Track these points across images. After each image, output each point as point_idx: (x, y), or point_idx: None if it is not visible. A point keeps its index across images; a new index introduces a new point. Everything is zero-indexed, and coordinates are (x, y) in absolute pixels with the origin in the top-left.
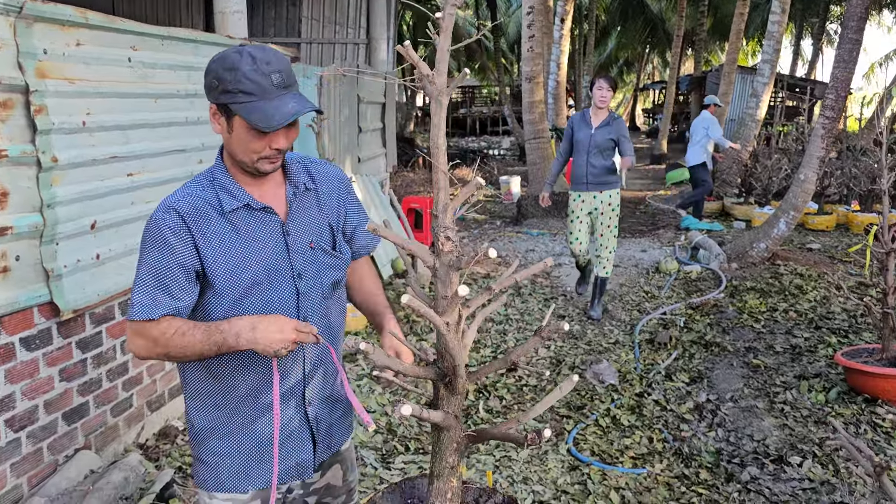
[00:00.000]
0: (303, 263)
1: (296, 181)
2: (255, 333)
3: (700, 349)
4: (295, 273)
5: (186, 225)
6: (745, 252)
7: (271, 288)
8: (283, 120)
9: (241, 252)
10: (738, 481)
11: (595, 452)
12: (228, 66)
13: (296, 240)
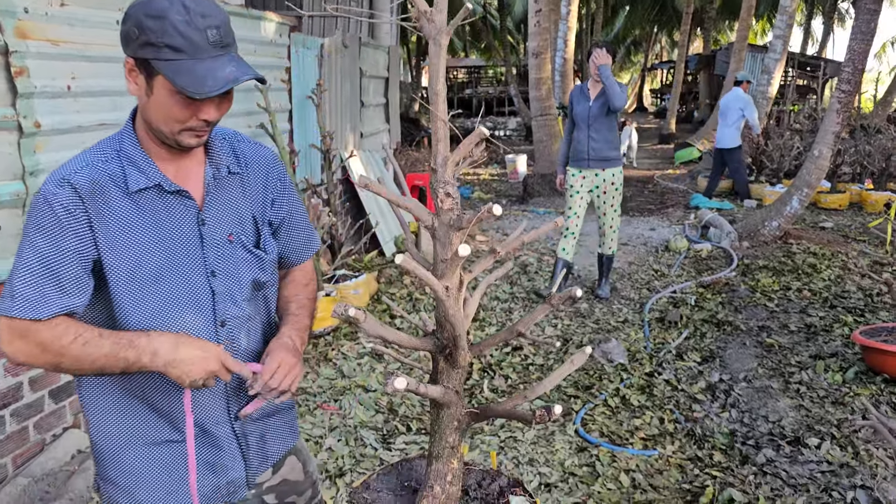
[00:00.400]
0: (218, 259)
1: (218, 161)
2: (176, 354)
3: (712, 328)
4: (208, 270)
5: (83, 203)
6: (756, 230)
7: (179, 287)
8: (218, 86)
9: (146, 241)
10: (753, 463)
11: (604, 433)
12: (154, 13)
13: (212, 231)
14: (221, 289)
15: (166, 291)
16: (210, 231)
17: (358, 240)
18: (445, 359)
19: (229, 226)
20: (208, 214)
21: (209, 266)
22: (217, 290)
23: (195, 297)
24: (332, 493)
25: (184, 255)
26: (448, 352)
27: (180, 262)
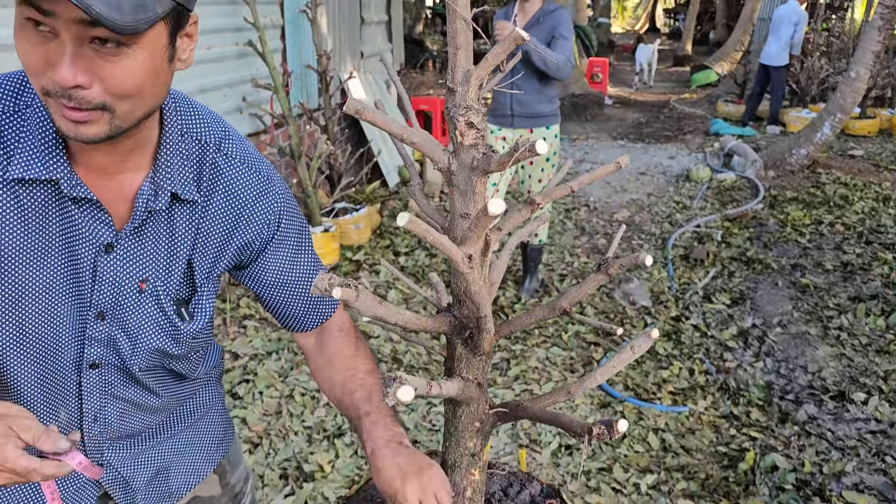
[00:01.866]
0: (112, 304)
1: (163, 177)
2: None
3: (741, 266)
4: (92, 311)
5: None
6: (783, 159)
7: (41, 325)
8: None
9: (17, 258)
10: (794, 422)
11: (629, 387)
12: None
13: (117, 267)
14: (101, 335)
15: (17, 325)
16: (114, 266)
17: (359, 170)
18: (465, 343)
19: (145, 267)
20: (121, 244)
21: (96, 306)
22: (93, 334)
23: (50, 334)
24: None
25: (62, 284)
26: (469, 334)
27: (51, 290)
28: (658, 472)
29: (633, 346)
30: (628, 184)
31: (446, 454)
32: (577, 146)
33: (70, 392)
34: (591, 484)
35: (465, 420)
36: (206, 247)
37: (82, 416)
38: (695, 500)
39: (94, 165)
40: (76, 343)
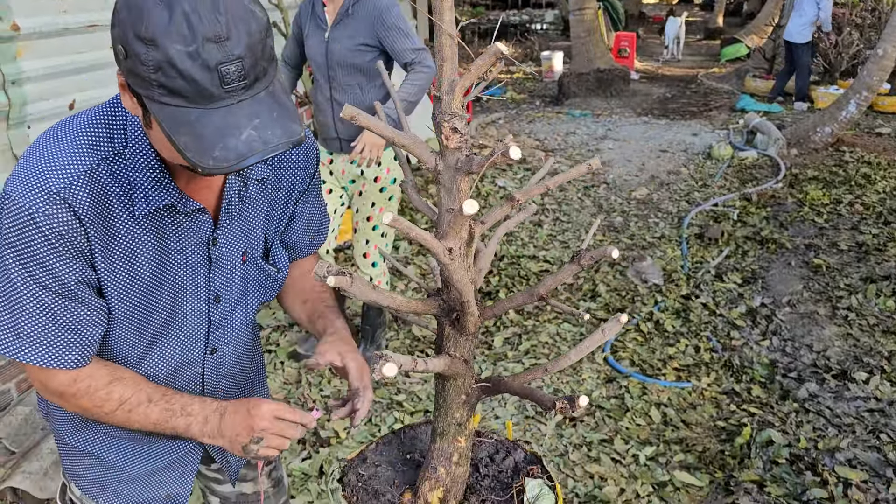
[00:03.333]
0: (225, 283)
1: (248, 172)
2: (222, 421)
3: (755, 246)
4: (211, 296)
5: (82, 226)
6: (807, 136)
7: (176, 318)
8: (228, 162)
9: (148, 272)
10: (794, 399)
11: (635, 362)
12: (145, 35)
13: (223, 251)
14: (219, 317)
15: (161, 323)
16: (220, 252)
17: None
18: (452, 324)
19: (242, 243)
20: (221, 233)
21: (213, 290)
22: (215, 319)
23: (190, 328)
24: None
25: (187, 282)
26: (455, 316)
27: (182, 290)
28: (657, 444)
29: (604, 329)
30: (649, 161)
31: (436, 423)
32: (599, 122)
33: (196, 374)
34: (592, 454)
35: (453, 393)
36: (275, 209)
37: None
38: (690, 471)
39: (194, 177)
40: (204, 329)
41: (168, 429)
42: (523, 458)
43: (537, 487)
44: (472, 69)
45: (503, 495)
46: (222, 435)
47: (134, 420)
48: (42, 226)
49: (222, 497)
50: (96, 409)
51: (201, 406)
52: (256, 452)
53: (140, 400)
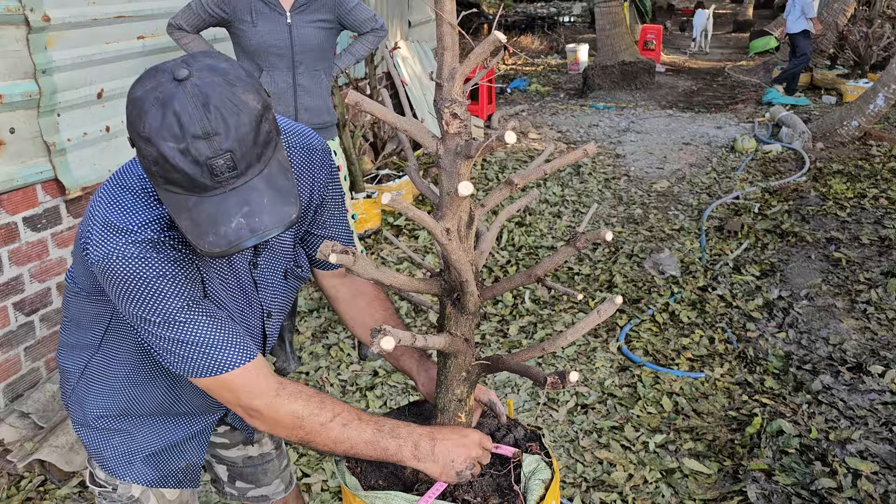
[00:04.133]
0: (273, 299)
1: None
2: (436, 447)
3: (775, 239)
4: (264, 313)
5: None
6: (833, 130)
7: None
8: (220, 245)
9: (223, 299)
10: (807, 391)
11: (648, 352)
12: (143, 132)
13: (264, 273)
14: (272, 329)
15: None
16: (262, 274)
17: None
18: (453, 303)
19: (282, 262)
20: (262, 258)
21: (266, 308)
22: (268, 332)
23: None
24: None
25: (245, 304)
26: (456, 296)
27: (243, 311)
28: (667, 432)
29: (599, 310)
30: (671, 154)
31: (438, 399)
32: (623, 115)
33: None
34: (602, 441)
35: (454, 370)
36: (303, 220)
37: None
38: (699, 459)
39: None
40: (261, 342)
41: (380, 449)
42: (523, 435)
43: (535, 462)
44: (471, 57)
45: (502, 470)
46: (435, 461)
47: (347, 436)
48: (154, 260)
49: (229, 463)
50: (312, 417)
51: (408, 429)
52: (465, 476)
53: (353, 416)
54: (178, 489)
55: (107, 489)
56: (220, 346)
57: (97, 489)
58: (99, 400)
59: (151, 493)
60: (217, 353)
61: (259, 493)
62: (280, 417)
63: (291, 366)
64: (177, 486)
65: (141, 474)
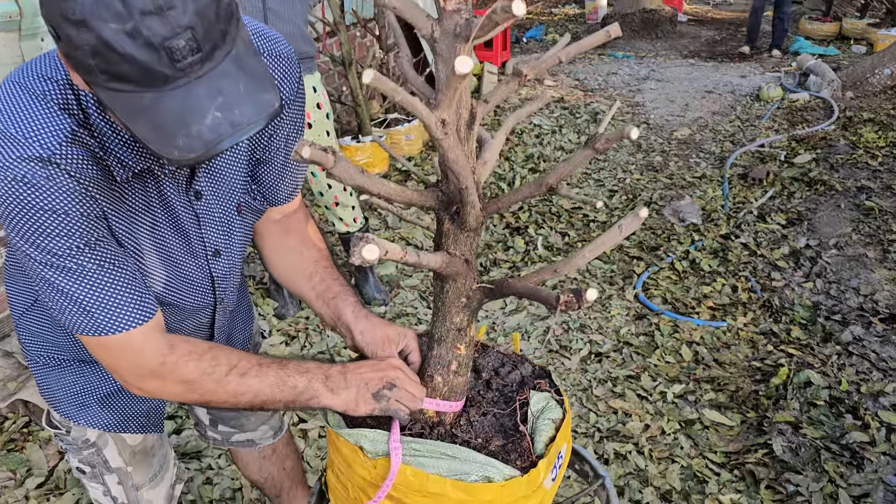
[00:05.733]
0: (222, 237)
1: None
2: (347, 374)
3: (802, 187)
4: (209, 251)
5: (86, 190)
6: (864, 79)
7: (180, 278)
8: (194, 150)
9: (150, 234)
10: (837, 342)
11: (667, 300)
12: (73, 16)
13: (210, 206)
14: (223, 270)
15: (165, 284)
16: (208, 206)
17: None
18: (451, 218)
19: (233, 194)
20: (204, 186)
21: (211, 246)
22: (217, 273)
23: (196, 286)
24: None
25: (180, 240)
26: (455, 209)
27: (177, 249)
28: (687, 382)
29: (622, 225)
30: (693, 102)
31: (434, 328)
32: (643, 63)
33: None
34: (617, 390)
35: (452, 295)
36: (258, 141)
37: (213, 330)
38: (721, 410)
39: None
40: (209, 284)
41: (288, 389)
42: (531, 372)
43: (543, 400)
44: None
45: (507, 408)
46: (348, 387)
47: (248, 386)
48: (42, 189)
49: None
50: (205, 377)
51: (316, 364)
52: (388, 402)
53: (251, 363)
54: (141, 434)
55: (61, 431)
56: (104, 305)
57: (52, 431)
58: (48, 335)
59: (110, 438)
60: (100, 312)
61: (245, 438)
62: (167, 387)
63: (291, 311)
64: (139, 430)
65: (97, 417)
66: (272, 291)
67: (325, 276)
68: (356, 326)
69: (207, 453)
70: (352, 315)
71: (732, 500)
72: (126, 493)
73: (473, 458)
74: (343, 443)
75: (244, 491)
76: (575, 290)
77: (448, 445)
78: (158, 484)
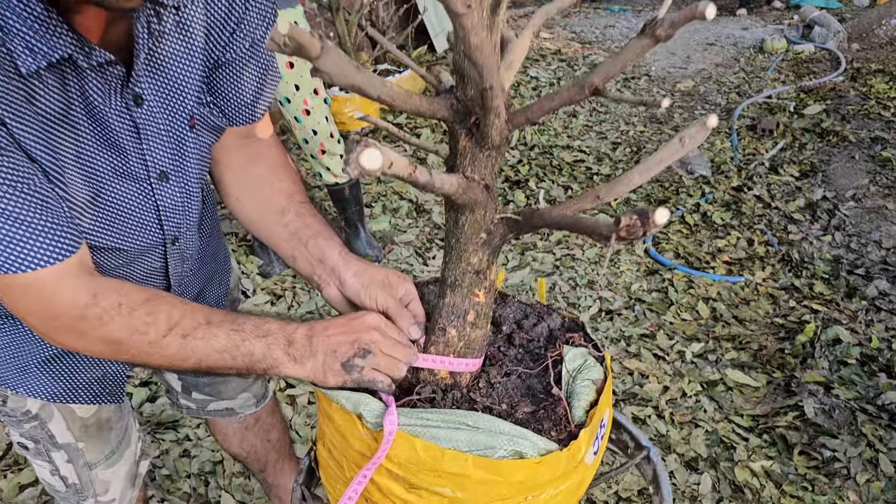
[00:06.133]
0: (169, 156)
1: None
2: (314, 337)
3: (814, 138)
4: (152, 174)
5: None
6: (870, 30)
7: (112, 205)
8: None
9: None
10: (862, 297)
11: (680, 255)
12: None
13: (154, 115)
14: (173, 199)
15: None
16: (150, 115)
17: (403, 28)
18: (469, 132)
19: (186, 101)
20: (145, 89)
21: (155, 167)
22: (165, 202)
23: (136, 216)
24: None
25: (108, 161)
26: (474, 121)
27: (108, 169)
28: (706, 340)
29: (684, 136)
30: (694, 54)
31: (446, 271)
32: (640, 17)
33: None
34: (631, 350)
35: (469, 230)
36: (217, 37)
37: (168, 286)
38: (745, 370)
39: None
40: (154, 216)
41: (242, 357)
42: (560, 324)
43: (580, 357)
44: None
45: (534, 367)
46: (314, 354)
47: (192, 349)
48: None
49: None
50: (137, 336)
51: (278, 325)
52: (362, 373)
53: (197, 321)
54: (94, 405)
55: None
56: (4, 234)
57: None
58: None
59: (56, 410)
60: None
61: (222, 407)
62: (89, 345)
63: (276, 268)
64: (91, 401)
65: (38, 385)
66: (256, 248)
67: (301, 211)
68: (347, 268)
69: (185, 423)
70: (339, 257)
71: (764, 467)
72: (77, 472)
73: (500, 429)
74: (337, 410)
75: (226, 464)
76: (640, 211)
77: (468, 413)
78: (116, 462)
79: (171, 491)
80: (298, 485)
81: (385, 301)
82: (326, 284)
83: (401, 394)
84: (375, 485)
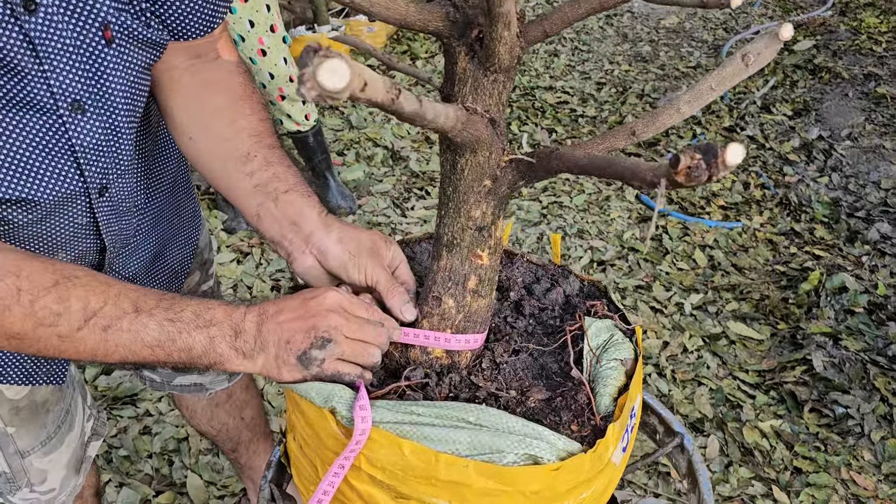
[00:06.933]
0: (77, 80)
1: None
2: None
3: (805, 75)
4: (61, 104)
5: None
6: None
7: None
8: None
9: None
10: (864, 241)
11: (673, 200)
12: None
13: (54, 24)
14: (93, 136)
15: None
16: (51, 24)
17: None
18: (470, 50)
19: (97, 6)
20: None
21: (65, 95)
22: (81, 140)
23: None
24: None
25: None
26: (477, 34)
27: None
28: (705, 291)
29: (748, 53)
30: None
31: (441, 227)
32: None
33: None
34: (627, 302)
35: (470, 176)
36: None
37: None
38: (747, 322)
39: None
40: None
41: (176, 352)
42: (579, 289)
43: (605, 331)
44: None
45: (548, 343)
46: (265, 347)
47: (116, 344)
48: None
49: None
50: (44, 329)
51: (226, 311)
52: (322, 366)
53: (122, 309)
54: (26, 387)
55: None
56: None
57: None
58: None
59: None
60: None
61: (190, 382)
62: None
63: (242, 223)
64: (23, 381)
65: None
66: (219, 202)
67: (270, 157)
68: (328, 233)
69: (145, 396)
70: (318, 218)
71: (774, 426)
72: (7, 460)
73: (509, 427)
74: (306, 403)
75: (191, 441)
76: (704, 147)
77: (469, 407)
78: (55, 448)
79: (131, 473)
80: (267, 482)
81: (375, 273)
82: (300, 252)
83: (385, 378)
84: (355, 491)
